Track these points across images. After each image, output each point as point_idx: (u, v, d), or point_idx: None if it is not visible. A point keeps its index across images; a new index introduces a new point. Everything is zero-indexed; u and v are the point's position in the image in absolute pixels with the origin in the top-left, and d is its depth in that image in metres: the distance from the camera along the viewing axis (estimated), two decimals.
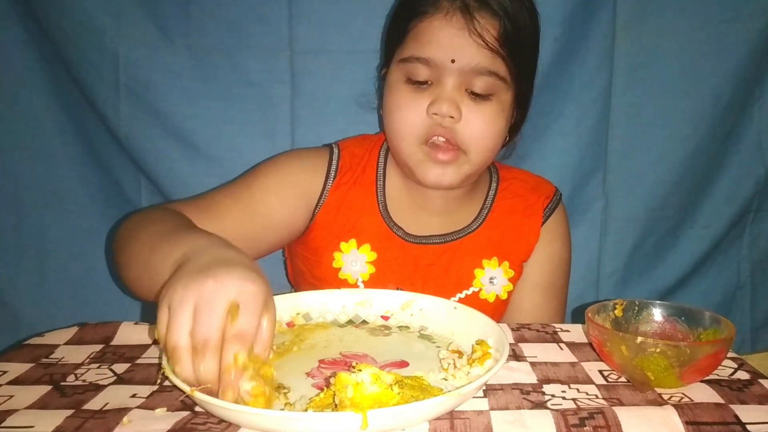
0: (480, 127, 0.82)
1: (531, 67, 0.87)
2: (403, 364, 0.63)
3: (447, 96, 0.80)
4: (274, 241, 0.91)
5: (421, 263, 0.91)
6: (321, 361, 0.64)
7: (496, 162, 0.98)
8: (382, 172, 0.93)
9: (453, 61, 0.79)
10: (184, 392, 0.51)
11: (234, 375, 0.49)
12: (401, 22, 0.85)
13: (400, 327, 0.73)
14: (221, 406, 0.49)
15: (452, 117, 0.80)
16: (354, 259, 0.90)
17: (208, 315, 0.50)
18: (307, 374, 0.61)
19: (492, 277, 0.92)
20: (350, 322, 0.74)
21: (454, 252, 0.92)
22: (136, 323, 0.74)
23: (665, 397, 0.56)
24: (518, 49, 0.82)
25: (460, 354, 0.64)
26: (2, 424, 0.51)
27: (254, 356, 0.51)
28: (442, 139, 0.82)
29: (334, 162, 0.92)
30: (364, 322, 0.74)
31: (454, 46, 0.80)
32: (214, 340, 0.50)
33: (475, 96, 0.81)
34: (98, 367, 0.63)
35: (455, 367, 0.60)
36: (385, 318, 0.75)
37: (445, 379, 0.59)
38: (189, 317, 0.50)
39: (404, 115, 0.83)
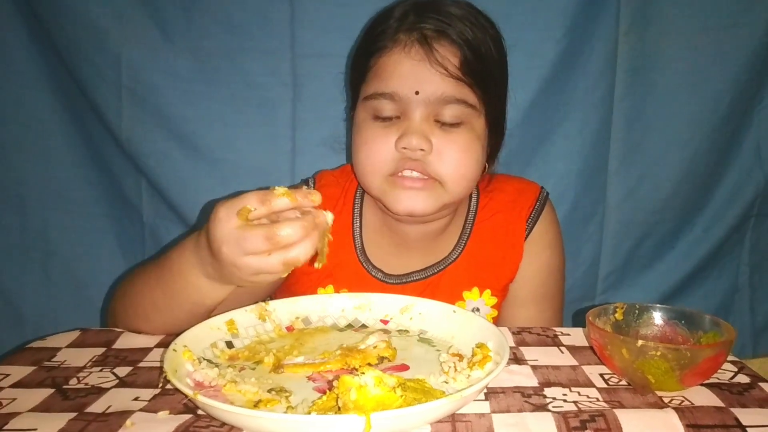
0: (455, 156, 0.79)
1: (500, 93, 0.85)
2: (404, 367, 0.64)
3: (415, 129, 0.78)
4: (256, 293, 0.85)
5: None
6: None
7: None
8: (358, 213, 0.92)
9: (417, 92, 0.78)
10: (186, 396, 0.51)
11: None
12: (362, 60, 0.84)
13: (399, 331, 0.73)
14: (224, 410, 0.49)
15: (422, 150, 0.78)
16: None
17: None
18: (309, 378, 0.61)
19: (474, 308, 0.90)
20: (349, 326, 0.75)
21: (435, 287, 0.89)
22: None
23: (666, 400, 0.57)
24: (483, 76, 0.80)
25: (461, 357, 0.64)
26: (5, 427, 0.52)
27: None
28: (416, 173, 0.79)
29: None
30: (364, 326, 0.75)
31: (415, 77, 0.78)
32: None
33: (445, 125, 0.79)
34: (100, 371, 0.63)
35: (456, 370, 0.60)
36: (385, 322, 0.75)
37: (446, 382, 0.59)
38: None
39: (372, 151, 0.80)
